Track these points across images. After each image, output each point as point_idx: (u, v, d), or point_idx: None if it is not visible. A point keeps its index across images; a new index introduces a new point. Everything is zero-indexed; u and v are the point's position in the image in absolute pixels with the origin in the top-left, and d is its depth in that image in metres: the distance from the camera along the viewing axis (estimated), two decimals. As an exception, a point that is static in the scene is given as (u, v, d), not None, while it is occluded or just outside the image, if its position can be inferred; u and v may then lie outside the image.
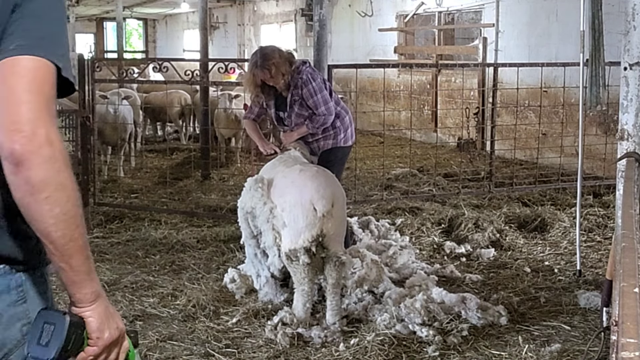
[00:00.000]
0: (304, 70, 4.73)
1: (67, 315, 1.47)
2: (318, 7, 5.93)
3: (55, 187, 1.39)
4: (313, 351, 3.77)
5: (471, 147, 9.93)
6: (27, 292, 1.52)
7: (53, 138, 1.37)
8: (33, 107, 1.36)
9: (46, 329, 1.44)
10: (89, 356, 1.50)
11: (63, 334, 1.44)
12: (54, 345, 1.43)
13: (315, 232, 3.87)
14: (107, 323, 1.52)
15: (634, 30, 3.43)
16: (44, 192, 1.37)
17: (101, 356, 1.51)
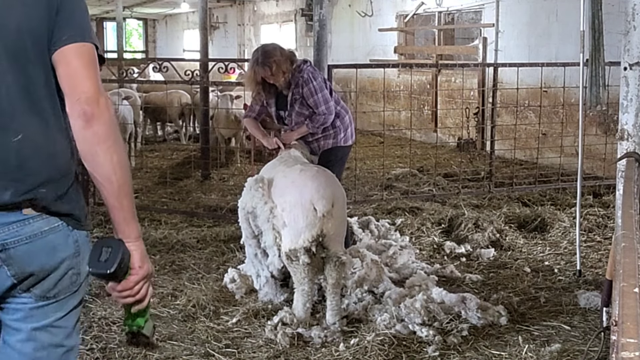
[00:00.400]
0: (305, 69, 4.73)
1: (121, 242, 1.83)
2: (318, 7, 5.93)
3: (114, 140, 1.84)
4: (313, 351, 3.77)
5: (471, 147, 9.93)
6: (81, 247, 1.91)
7: (109, 105, 1.85)
8: (94, 82, 1.83)
9: (105, 251, 1.80)
10: (131, 282, 1.86)
11: (120, 253, 1.79)
12: (112, 262, 1.77)
13: (315, 232, 3.87)
14: (144, 262, 1.90)
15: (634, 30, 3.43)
16: (107, 142, 1.82)
17: (138, 285, 1.88)
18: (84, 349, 3.79)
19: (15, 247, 1.82)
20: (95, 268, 1.81)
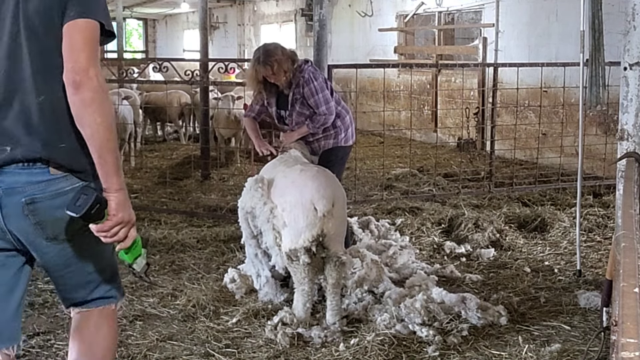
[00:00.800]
0: (306, 69, 4.73)
1: (96, 191, 2.17)
2: (318, 7, 5.93)
3: (99, 104, 2.11)
4: (313, 351, 3.77)
5: (471, 147, 9.93)
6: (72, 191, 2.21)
7: (97, 75, 2.11)
8: (87, 55, 2.11)
9: (82, 197, 2.14)
10: (106, 226, 2.19)
11: (89, 201, 2.13)
12: (83, 206, 2.13)
13: (315, 232, 3.87)
14: (123, 209, 2.21)
15: (634, 30, 3.43)
16: (92, 106, 2.10)
17: (113, 230, 2.20)
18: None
19: (42, 202, 2.20)
20: (69, 210, 2.15)
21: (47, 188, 2.20)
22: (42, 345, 3.84)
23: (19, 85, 2.17)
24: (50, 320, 4.20)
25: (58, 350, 3.77)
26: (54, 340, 3.89)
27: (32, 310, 4.31)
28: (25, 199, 2.19)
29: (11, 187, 2.19)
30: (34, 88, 2.17)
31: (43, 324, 4.12)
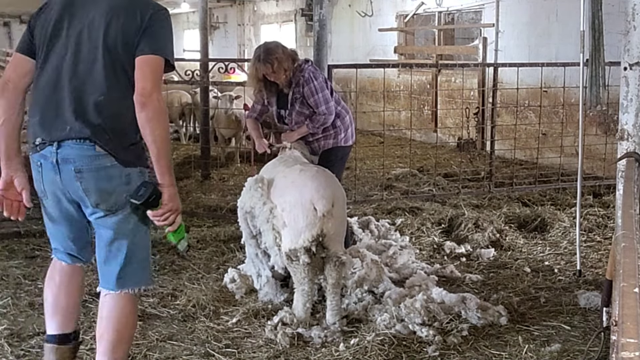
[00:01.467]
0: (306, 69, 4.73)
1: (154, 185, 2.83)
2: (318, 7, 5.93)
3: (157, 121, 2.77)
4: (313, 351, 3.77)
5: (471, 147, 9.93)
6: (131, 178, 2.87)
7: (159, 99, 2.78)
8: (152, 83, 2.77)
9: (143, 189, 2.82)
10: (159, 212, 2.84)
11: (149, 192, 2.81)
12: (143, 196, 2.80)
13: (315, 232, 3.87)
14: (173, 199, 2.86)
15: (634, 30, 3.43)
16: (152, 122, 2.76)
17: (165, 215, 2.85)
18: (84, 349, 3.79)
19: (87, 172, 2.81)
20: (132, 198, 2.83)
21: (92, 162, 2.82)
22: (42, 345, 3.83)
23: (85, 86, 2.83)
24: (50, 320, 4.19)
25: (58, 350, 3.77)
26: (54, 340, 3.89)
27: (32, 311, 4.31)
28: (75, 167, 2.81)
29: (65, 157, 2.82)
30: (97, 90, 2.82)
31: (43, 324, 4.10)
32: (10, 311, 4.29)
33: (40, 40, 2.89)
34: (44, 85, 2.87)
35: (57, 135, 2.82)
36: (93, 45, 2.83)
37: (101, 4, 2.87)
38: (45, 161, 2.86)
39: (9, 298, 4.47)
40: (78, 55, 2.83)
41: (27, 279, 4.86)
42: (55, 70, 2.85)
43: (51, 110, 2.85)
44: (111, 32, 2.82)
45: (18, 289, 4.68)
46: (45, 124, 2.85)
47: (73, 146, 2.81)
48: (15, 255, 5.44)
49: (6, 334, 3.93)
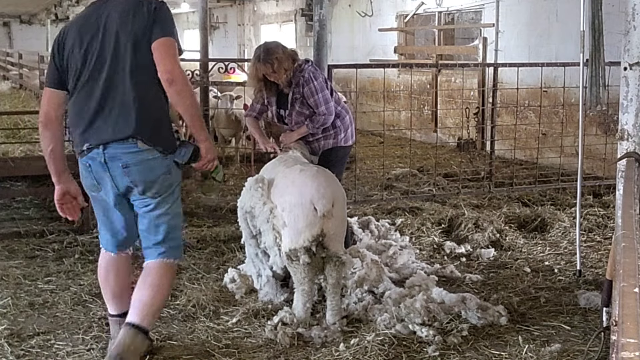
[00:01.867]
0: (306, 69, 4.73)
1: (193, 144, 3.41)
2: (318, 7, 5.92)
3: (185, 92, 3.27)
4: (313, 351, 3.77)
5: (471, 147, 9.92)
6: (171, 168, 3.40)
7: (181, 72, 3.26)
8: (172, 60, 3.24)
9: (183, 150, 3.38)
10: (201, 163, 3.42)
11: (190, 151, 3.38)
12: (185, 156, 3.38)
13: (315, 232, 3.87)
14: (210, 151, 3.44)
15: (634, 30, 3.43)
16: (181, 94, 3.25)
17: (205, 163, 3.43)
18: (84, 349, 3.79)
19: (132, 166, 3.29)
20: (177, 159, 3.38)
21: (136, 157, 3.28)
22: (42, 345, 3.84)
23: (119, 84, 3.26)
24: (50, 320, 4.20)
25: (58, 350, 3.78)
26: (54, 340, 3.89)
27: (32, 311, 4.31)
28: (122, 164, 3.28)
29: (112, 156, 3.29)
30: (130, 87, 3.25)
31: (43, 324, 4.12)
32: (10, 311, 4.29)
33: (72, 67, 3.34)
34: (83, 100, 3.33)
35: (102, 139, 3.29)
36: (119, 53, 3.26)
37: (112, 16, 3.30)
38: (93, 162, 3.35)
39: (9, 298, 4.47)
40: (109, 66, 3.27)
41: (27, 279, 4.86)
42: (91, 86, 3.30)
43: (94, 120, 3.31)
44: (130, 35, 3.24)
45: (18, 289, 4.68)
46: (91, 132, 3.32)
47: (117, 147, 3.28)
48: (15, 255, 5.44)
49: (6, 334, 3.93)
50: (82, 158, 3.40)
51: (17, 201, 7.06)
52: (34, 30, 24.51)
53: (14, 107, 9.79)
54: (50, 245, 5.63)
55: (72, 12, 17.54)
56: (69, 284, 4.77)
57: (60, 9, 18.68)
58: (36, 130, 7.15)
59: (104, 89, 3.29)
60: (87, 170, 3.41)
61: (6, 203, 6.95)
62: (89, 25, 3.33)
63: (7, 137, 6.97)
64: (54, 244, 5.69)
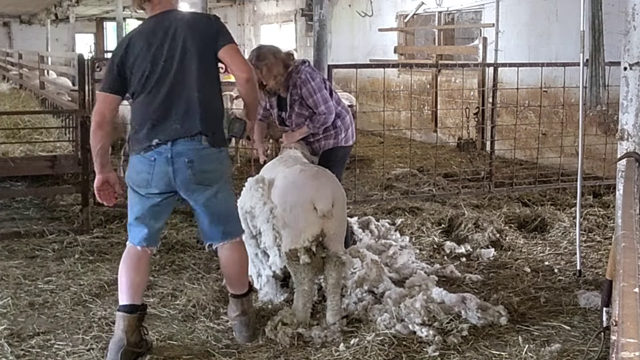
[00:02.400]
0: (302, 70, 4.73)
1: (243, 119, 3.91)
2: (318, 7, 5.93)
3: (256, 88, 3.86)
4: (313, 351, 3.77)
5: (471, 147, 9.93)
6: (223, 159, 3.81)
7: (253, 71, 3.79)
8: (243, 61, 3.73)
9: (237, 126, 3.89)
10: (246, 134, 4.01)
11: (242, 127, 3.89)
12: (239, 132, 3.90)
13: (315, 232, 3.88)
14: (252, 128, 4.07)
15: (634, 30, 3.44)
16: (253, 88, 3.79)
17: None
18: (84, 349, 3.79)
19: (196, 161, 3.62)
20: (231, 134, 3.90)
21: (199, 152, 3.63)
22: (42, 345, 3.84)
23: (186, 85, 3.62)
24: (50, 320, 4.20)
25: (58, 350, 3.78)
26: (54, 340, 3.89)
27: (32, 311, 4.31)
28: (187, 159, 3.61)
29: (179, 152, 3.60)
30: (195, 88, 3.62)
31: (43, 324, 4.12)
32: (10, 311, 4.29)
33: (137, 71, 3.63)
34: (151, 100, 3.65)
35: (170, 136, 3.60)
36: (186, 58, 3.63)
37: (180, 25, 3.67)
38: (159, 156, 3.62)
39: (9, 298, 4.47)
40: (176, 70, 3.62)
41: (27, 279, 4.86)
42: (159, 88, 3.63)
43: (162, 118, 3.62)
44: (197, 43, 3.64)
45: (18, 289, 4.68)
46: (159, 129, 3.62)
47: (184, 143, 3.61)
48: (15, 255, 5.45)
49: (6, 334, 3.93)
50: (147, 153, 3.64)
51: (17, 201, 7.07)
52: (34, 30, 24.51)
53: (14, 107, 9.78)
54: (50, 245, 5.64)
55: (72, 12, 17.53)
56: (69, 284, 4.77)
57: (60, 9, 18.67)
58: (36, 130, 7.20)
59: (171, 90, 3.62)
60: (149, 165, 3.65)
61: (6, 203, 6.95)
62: (157, 33, 3.65)
63: (7, 137, 6.97)
64: (54, 244, 5.69)
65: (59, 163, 6.12)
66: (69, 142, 6.65)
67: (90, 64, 6.80)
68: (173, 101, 3.63)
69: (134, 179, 3.71)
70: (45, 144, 6.61)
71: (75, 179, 6.87)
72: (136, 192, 3.73)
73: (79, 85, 6.66)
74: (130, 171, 3.73)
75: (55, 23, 21.73)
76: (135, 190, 3.73)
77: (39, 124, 7.58)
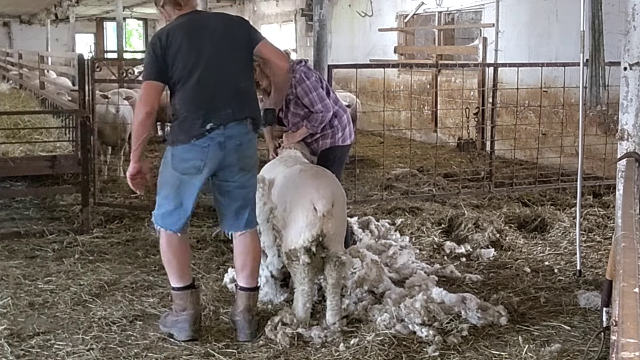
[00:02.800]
0: (297, 70, 4.74)
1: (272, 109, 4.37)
2: (318, 7, 5.93)
3: (288, 76, 4.31)
4: (313, 351, 3.77)
5: (471, 147, 9.93)
6: (255, 147, 4.06)
7: (288, 59, 4.27)
8: (279, 53, 4.16)
9: (269, 115, 4.33)
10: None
11: (274, 113, 4.41)
12: (272, 120, 4.42)
13: (315, 232, 3.88)
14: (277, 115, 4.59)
15: (634, 30, 3.44)
16: (288, 78, 4.33)
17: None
18: (84, 349, 3.79)
19: (244, 145, 3.89)
20: (265, 124, 4.33)
21: (246, 136, 3.89)
22: (42, 345, 3.84)
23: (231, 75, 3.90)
24: (50, 320, 4.20)
25: (58, 350, 3.77)
26: (54, 340, 3.89)
27: (32, 311, 4.31)
28: (237, 142, 3.85)
29: (230, 135, 3.82)
30: (239, 78, 3.93)
31: (43, 324, 4.12)
32: (10, 311, 4.29)
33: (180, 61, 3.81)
34: (199, 89, 3.83)
35: (223, 120, 3.79)
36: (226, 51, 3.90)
37: (217, 23, 3.99)
38: (212, 142, 3.78)
39: (9, 298, 4.47)
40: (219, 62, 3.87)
41: (27, 279, 4.86)
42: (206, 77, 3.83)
43: (214, 103, 3.81)
44: (234, 39, 3.94)
45: (18, 289, 4.68)
46: (212, 115, 3.79)
47: (235, 127, 3.83)
48: (15, 255, 5.45)
49: (6, 334, 3.93)
50: (198, 140, 3.78)
51: (17, 201, 7.07)
52: (34, 30, 24.50)
53: (14, 107, 9.78)
54: (50, 245, 5.64)
55: (72, 12, 17.52)
56: (69, 284, 4.77)
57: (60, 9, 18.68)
58: (36, 130, 7.20)
59: (219, 79, 3.85)
60: (201, 152, 3.79)
61: (6, 203, 6.95)
62: (196, 28, 3.90)
63: (7, 137, 6.96)
64: (54, 244, 5.69)
65: (59, 163, 6.12)
66: (69, 142, 6.65)
67: (90, 64, 6.81)
68: (222, 89, 3.85)
69: (181, 168, 3.82)
70: (45, 144, 6.61)
71: (75, 179, 6.87)
72: (180, 180, 3.84)
73: (79, 85, 6.66)
74: (175, 161, 3.83)
75: (55, 23, 21.73)
76: (180, 179, 3.84)
77: (39, 124, 7.58)
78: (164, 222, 3.92)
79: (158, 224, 3.95)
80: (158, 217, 3.94)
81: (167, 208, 3.89)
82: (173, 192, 3.87)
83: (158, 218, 3.94)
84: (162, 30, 3.92)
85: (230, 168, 3.87)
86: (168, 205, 3.89)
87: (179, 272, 3.98)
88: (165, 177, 3.90)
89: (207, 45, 3.87)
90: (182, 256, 3.98)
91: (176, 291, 3.99)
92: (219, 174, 3.88)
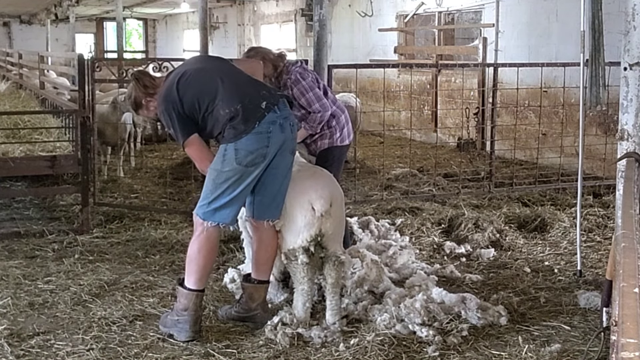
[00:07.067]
0: (293, 71, 4.75)
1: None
2: (318, 7, 5.92)
3: None
4: (313, 351, 3.77)
5: (471, 147, 9.92)
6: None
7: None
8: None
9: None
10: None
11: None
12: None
13: (313, 232, 3.88)
14: None
15: (634, 30, 3.44)
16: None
17: None
18: (83, 349, 3.79)
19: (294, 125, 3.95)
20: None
21: (293, 116, 3.98)
22: (42, 345, 3.84)
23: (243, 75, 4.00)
24: (50, 320, 4.19)
25: (58, 350, 3.77)
26: (54, 340, 3.89)
27: (32, 311, 4.31)
28: (291, 122, 3.88)
29: (285, 115, 3.84)
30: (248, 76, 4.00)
31: (43, 324, 4.12)
32: (10, 311, 4.29)
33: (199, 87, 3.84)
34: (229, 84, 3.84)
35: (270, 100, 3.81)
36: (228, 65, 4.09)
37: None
38: (274, 126, 3.76)
39: (9, 298, 4.47)
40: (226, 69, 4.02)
41: (27, 279, 4.86)
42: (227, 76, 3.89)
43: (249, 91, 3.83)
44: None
45: (18, 289, 4.68)
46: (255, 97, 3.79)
47: (283, 107, 3.85)
48: (15, 255, 5.44)
49: (6, 334, 3.93)
50: (260, 127, 3.73)
51: (17, 201, 7.07)
52: (34, 30, 24.50)
53: (14, 107, 9.77)
54: (50, 245, 5.64)
55: (72, 12, 17.51)
56: (69, 284, 4.76)
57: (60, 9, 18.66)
58: (36, 130, 7.19)
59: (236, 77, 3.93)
60: (266, 139, 3.76)
61: (6, 203, 6.95)
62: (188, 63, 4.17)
63: (7, 137, 6.96)
64: (54, 244, 5.69)
65: (58, 163, 6.12)
66: (69, 142, 6.64)
67: (90, 64, 6.80)
68: (245, 81, 3.92)
69: (247, 161, 3.75)
70: (45, 144, 6.61)
71: (75, 179, 6.87)
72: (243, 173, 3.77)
73: (79, 85, 6.66)
74: (240, 155, 3.74)
75: (55, 23, 21.72)
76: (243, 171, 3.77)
77: (39, 124, 7.58)
78: (216, 217, 3.84)
79: (209, 220, 3.84)
80: (209, 214, 3.84)
81: (221, 202, 3.82)
82: (233, 186, 3.80)
83: (209, 214, 3.84)
84: (166, 91, 3.89)
85: (284, 152, 3.84)
86: (223, 199, 3.81)
87: (201, 273, 3.92)
88: (224, 174, 3.79)
89: (209, 65, 4.05)
90: (211, 258, 3.94)
91: (187, 290, 3.92)
92: (274, 159, 3.83)
